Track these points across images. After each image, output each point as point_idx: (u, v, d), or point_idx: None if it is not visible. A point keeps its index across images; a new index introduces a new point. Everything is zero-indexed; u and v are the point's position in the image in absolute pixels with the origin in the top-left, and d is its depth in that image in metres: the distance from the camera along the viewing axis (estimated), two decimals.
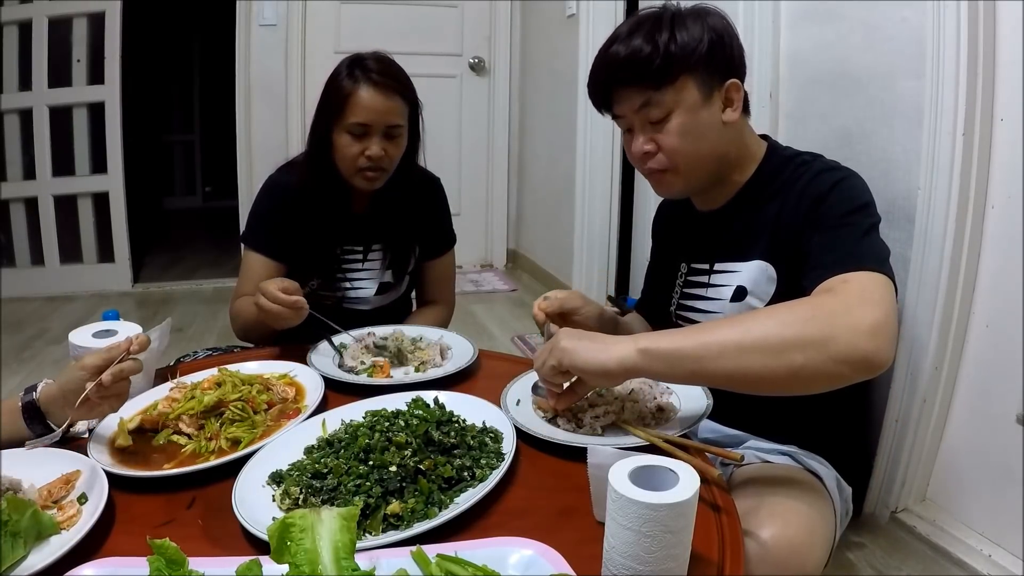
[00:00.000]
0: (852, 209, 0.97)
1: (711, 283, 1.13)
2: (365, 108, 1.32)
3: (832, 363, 0.78)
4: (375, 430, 0.82)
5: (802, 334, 0.79)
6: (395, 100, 1.35)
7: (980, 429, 1.40)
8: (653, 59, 0.99)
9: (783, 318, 0.81)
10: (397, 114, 1.36)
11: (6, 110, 3.40)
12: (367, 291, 1.50)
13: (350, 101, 1.33)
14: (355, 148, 1.34)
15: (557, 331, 0.91)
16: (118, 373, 0.84)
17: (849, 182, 1.01)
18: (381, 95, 1.33)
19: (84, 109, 3.50)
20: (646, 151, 1.05)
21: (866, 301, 0.81)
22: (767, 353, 0.79)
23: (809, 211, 0.99)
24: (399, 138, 1.38)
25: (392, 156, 1.37)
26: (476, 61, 3.93)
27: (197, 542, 0.71)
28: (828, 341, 0.78)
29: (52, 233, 3.54)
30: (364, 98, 1.32)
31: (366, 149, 1.34)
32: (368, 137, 1.34)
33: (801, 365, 0.78)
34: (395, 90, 1.35)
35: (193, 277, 3.97)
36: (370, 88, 1.33)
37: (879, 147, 1.51)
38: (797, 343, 0.78)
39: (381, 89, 1.33)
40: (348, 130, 1.34)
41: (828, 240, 0.94)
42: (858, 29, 1.56)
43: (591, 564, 0.65)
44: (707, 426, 1.13)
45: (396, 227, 1.50)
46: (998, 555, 1.33)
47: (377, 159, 1.35)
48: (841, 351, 0.77)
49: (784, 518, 0.87)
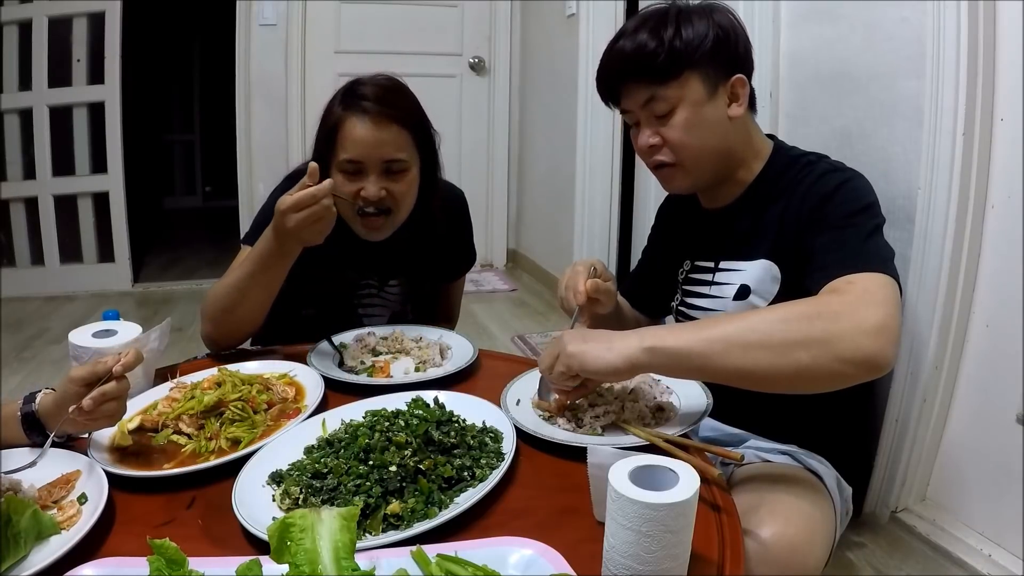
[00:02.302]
0: (857, 210, 0.98)
1: (715, 281, 1.13)
2: (354, 142, 1.16)
3: (837, 362, 0.79)
4: (375, 430, 0.82)
5: (808, 333, 0.79)
6: (392, 131, 1.17)
7: (980, 429, 1.40)
8: (658, 55, 1.00)
9: (789, 316, 0.82)
10: (397, 147, 1.18)
11: (6, 110, 3.40)
12: (379, 320, 1.40)
13: (340, 134, 1.17)
14: (349, 188, 1.17)
15: (560, 339, 0.90)
16: (99, 397, 0.79)
17: (854, 183, 1.01)
18: (373, 126, 1.15)
19: (84, 109, 3.50)
20: (651, 144, 1.06)
21: (870, 302, 0.82)
22: (773, 351, 0.80)
23: (814, 211, 1.00)
24: (405, 173, 1.20)
25: (398, 196, 1.19)
26: (476, 61, 3.93)
27: (197, 542, 0.71)
28: (833, 340, 0.78)
29: (52, 233, 3.54)
30: (353, 131, 1.16)
31: (361, 189, 1.17)
32: (363, 175, 1.17)
33: (807, 364, 0.79)
34: (393, 119, 1.17)
35: (193, 277, 3.97)
36: (360, 119, 1.16)
37: (879, 147, 1.51)
38: (802, 342, 0.79)
39: (374, 119, 1.15)
40: (340, 168, 1.18)
41: (833, 240, 0.95)
42: (858, 29, 1.56)
43: (591, 564, 0.65)
44: (707, 425, 1.13)
45: (418, 259, 1.36)
46: (998, 555, 1.33)
47: (375, 201, 1.17)
48: (846, 351, 0.78)
49: (784, 517, 0.87)
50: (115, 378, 0.81)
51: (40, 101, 3.41)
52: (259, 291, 1.15)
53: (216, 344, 1.23)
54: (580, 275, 1.05)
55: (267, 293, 1.16)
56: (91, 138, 3.53)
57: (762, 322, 0.82)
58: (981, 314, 1.38)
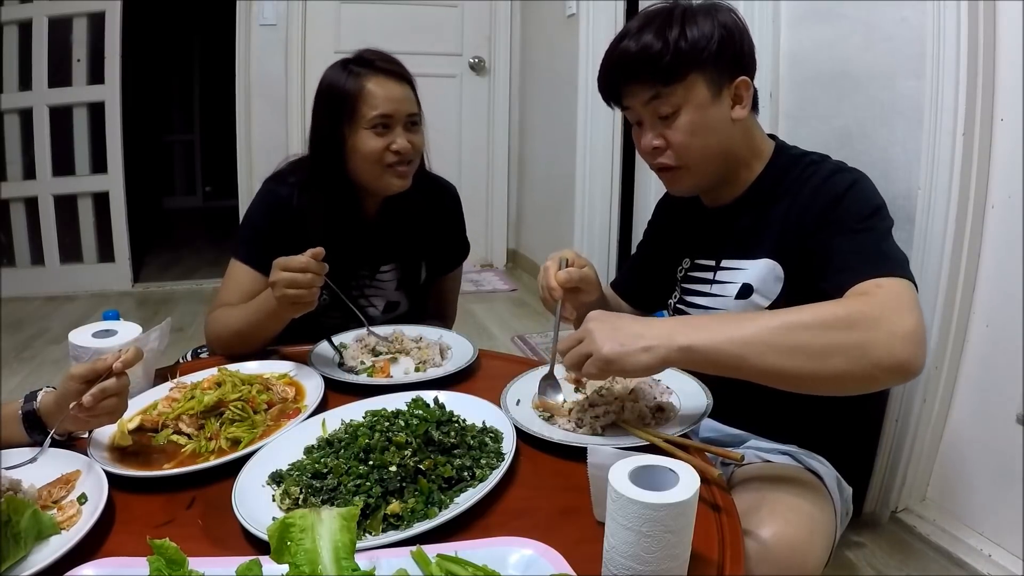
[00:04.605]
0: (870, 213, 0.97)
1: (716, 279, 1.12)
2: (384, 99, 1.25)
3: (873, 368, 0.80)
4: (375, 430, 0.82)
5: (846, 339, 0.80)
6: (407, 89, 1.29)
7: (980, 429, 1.40)
8: (663, 55, 0.98)
9: (826, 321, 0.81)
10: (413, 103, 1.30)
11: (6, 110, 3.40)
12: (374, 310, 1.43)
13: (363, 97, 1.25)
14: (379, 144, 1.26)
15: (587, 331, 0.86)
16: (99, 394, 0.79)
17: (862, 184, 1.01)
18: (395, 83, 1.27)
19: (84, 109, 3.50)
20: (655, 146, 1.05)
21: (901, 307, 0.83)
22: (811, 356, 0.80)
23: (824, 212, 0.99)
24: (420, 127, 1.31)
25: (418, 148, 1.31)
26: (476, 61, 3.93)
27: (197, 542, 0.71)
28: (869, 347, 0.79)
29: (52, 233, 3.54)
30: (379, 90, 1.25)
31: (391, 143, 1.26)
32: (391, 130, 1.26)
33: (844, 370, 0.80)
34: (405, 78, 1.29)
35: (193, 277, 3.97)
36: (382, 78, 1.26)
37: (879, 147, 1.51)
38: (840, 347, 0.80)
39: (394, 77, 1.27)
40: (370, 127, 1.26)
41: (851, 243, 0.94)
42: (858, 29, 1.56)
43: (591, 564, 0.65)
44: (707, 425, 1.13)
45: (409, 243, 1.42)
46: (998, 555, 1.33)
47: (405, 151, 1.27)
48: (883, 358, 0.79)
49: (784, 517, 0.87)
50: (115, 375, 0.81)
51: (40, 101, 3.41)
52: (265, 332, 1.20)
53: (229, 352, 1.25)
54: (550, 270, 1.06)
55: (273, 331, 1.21)
56: (91, 138, 3.53)
57: (798, 325, 0.81)
58: (981, 314, 1.38)
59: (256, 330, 1.19)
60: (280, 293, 1.09)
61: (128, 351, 0.83)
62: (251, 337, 1.20)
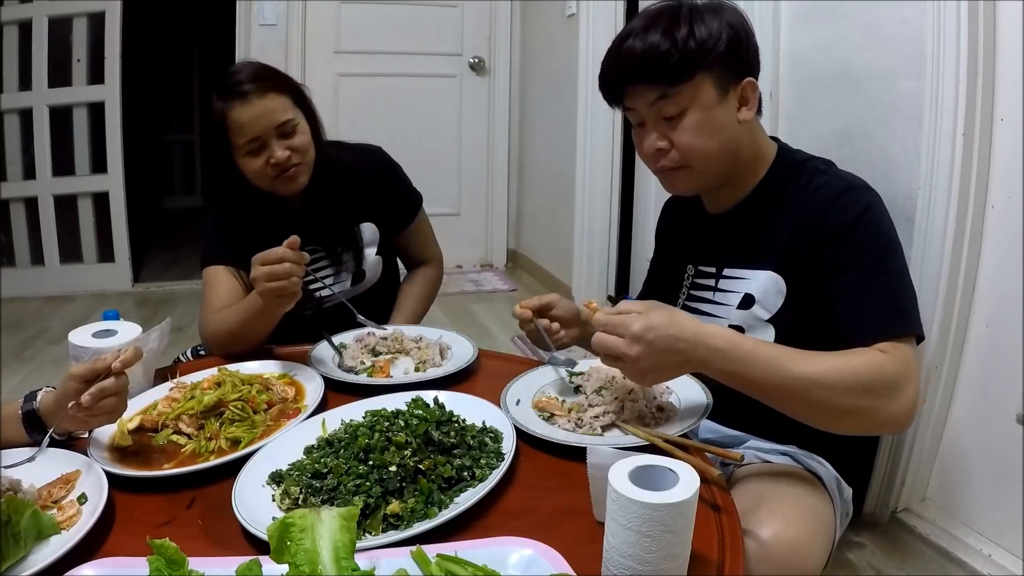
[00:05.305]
0: (885, 251, 0.97)
1: (718, 287, 1.11)
2: (248, 123, 1.27)
3: (873, 428, 0.92)
4: (375, 430, 0.82)
5: (861, 403, 0.87)
6: (271, 99, 1.29)
7: (980, 429, 1.40)
8: (671, 55, 0.96)
9: (850, 386, 0.86)
10: (281, 111, 1.30)
11: (6, 110, 3.40)
12: (342, 284, 1.46)
13: (229, 126, 1.28)
14: (258, 163, 1.30)
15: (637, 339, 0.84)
16: (98, 393, 0.79)
17: (875, 212, 0.99)
18: (255, 102, 1.27)
19: (84, 109, 3.50)
20: (659, 148, 1.03)
21: (910, 375, 0.89)
22: (825, 412, 0.88)
23: (835, 239, 0.97)
24: (296, 129, 1.32)
25: (300, 148, 1.32)
26: (476, 61, 3.93)
27: (197, 542, 0.71)
28: (879, 412, 0.88)
29: (52, 233, 3.54)
30: (241, 115, 1.27)
31: (269, 158, 1.29)
32: (266, 146, 1.29)
33: (847, 426, 0.91)
34: (266, 89, 1.29)
35: (193, 277, 3.96)
36: (239, 102, 1.27)
37: (879, 147, 1.51)
38: (854, 410, 0.87)
39: (252, 97, 1.27)
40: (246, 152, 1.30)
41: (868, 287, 0.95)
42: (858, 29, 1.56)
43: (591, 564, 0.65)
44: (707, 426, 1.12)
45: (343, 216, 1.45)
46: (998, 555, 1.33)
47: (282, 161, 1.29)
48: (885, 422, 0.89)
49: (784, 517, 0.87)
50: (114, 374, 0.81)
51: (40, 101, 3.40)
52: (258, 330, 1.22)
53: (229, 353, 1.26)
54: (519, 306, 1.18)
55: (266, 328, 1.22)
56: (91, 138, 3.52)
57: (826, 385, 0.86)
58: (981, 314, 1.38)
59: (249, 329, 1.21)
60: (262, 288, 1.11)
61: (127, 351, 0.83)
62: (245, 336, 1.22)
